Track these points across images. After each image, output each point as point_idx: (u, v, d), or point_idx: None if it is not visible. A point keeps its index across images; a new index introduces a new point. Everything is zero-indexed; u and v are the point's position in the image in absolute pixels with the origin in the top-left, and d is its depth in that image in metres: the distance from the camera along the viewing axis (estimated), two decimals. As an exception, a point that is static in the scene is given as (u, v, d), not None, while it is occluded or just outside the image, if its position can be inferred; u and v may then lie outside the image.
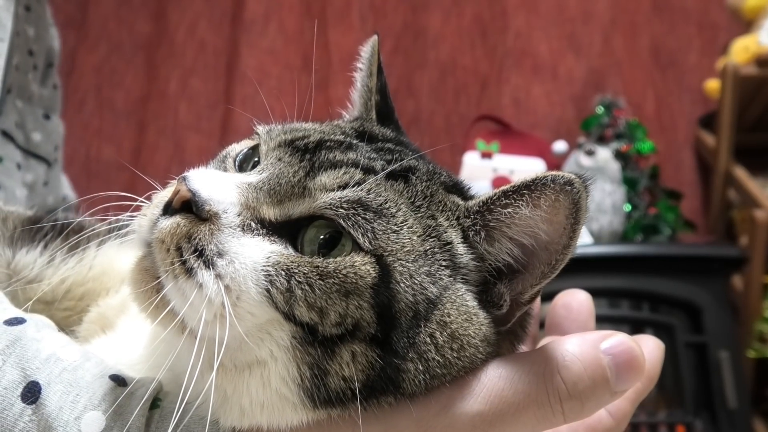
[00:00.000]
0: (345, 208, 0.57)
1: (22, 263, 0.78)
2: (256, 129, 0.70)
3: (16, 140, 1.16)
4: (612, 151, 2.65)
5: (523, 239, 0.58)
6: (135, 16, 3.36)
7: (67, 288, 0.80)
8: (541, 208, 0.56)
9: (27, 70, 1.19)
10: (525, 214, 0.57)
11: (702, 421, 2.12)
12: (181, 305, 0.56)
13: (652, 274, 2.26)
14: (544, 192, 0.55)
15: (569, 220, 0.55)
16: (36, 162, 1.22)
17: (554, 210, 0.56)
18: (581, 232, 0.56)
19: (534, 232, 0.57)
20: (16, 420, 0.55)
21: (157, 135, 3.20)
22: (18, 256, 0.78)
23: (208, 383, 0.55)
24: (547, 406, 0.55)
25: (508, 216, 0.58)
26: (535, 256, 0.59)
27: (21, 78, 1.17)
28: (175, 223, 0.57)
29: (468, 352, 0.57)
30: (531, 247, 0.58)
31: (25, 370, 0.57)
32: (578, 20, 3.18)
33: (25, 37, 1.17)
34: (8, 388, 0.56)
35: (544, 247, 0.58)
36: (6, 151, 1.13)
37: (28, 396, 0.56)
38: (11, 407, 0.55)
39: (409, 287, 0.56)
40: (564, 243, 0.56)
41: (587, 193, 0.54)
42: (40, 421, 0.55)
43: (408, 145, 0.71)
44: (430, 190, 0.62)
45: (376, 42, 0.77)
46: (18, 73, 1.16)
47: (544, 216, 0.56)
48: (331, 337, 0.55)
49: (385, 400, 0.56)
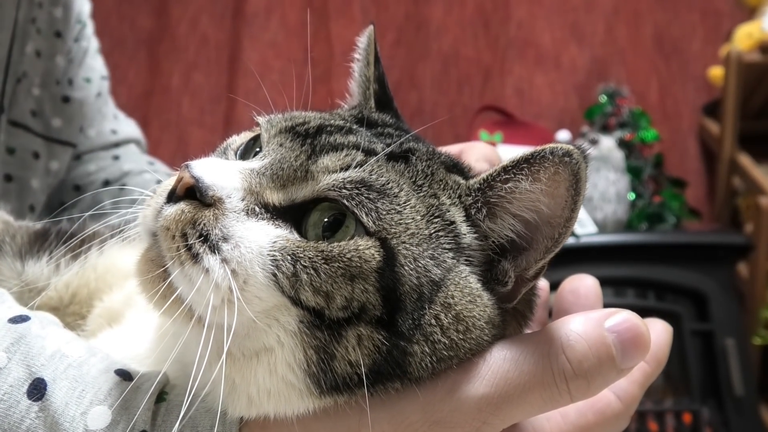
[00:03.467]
0: (348, 188, 0.57)
1: (31, 274, 0.78)
2: (256, 119, 0.70)
3: (34, 129, 1.15)
4: (616, 139, 2.64)
5: (525, 214, 0.58)
6: (137, 12, 3.36)
7: (74, 292, 0.80)
8: (541, 181, 0.56)
9: (53, 52, 1.18)
10: (525, 188, 0.57)
11: (709, 409, 2.12)
12: (188, 291, 0.55)
13: (657, 262, 2.27)
14: (543, 164, 0.55)
15: (570, 191, 0.55)
16: (60, 147, 1.22)
17: (554, 182, 0.55)
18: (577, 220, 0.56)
19: (535, 206, 0.57)
20: (22, 417, 0.55)
21: (161, 130, 3.21)
22: (27, 268, 0.78)
23: (216, 371, 0.55)
24: (553, 386, 0.55)
25: (508, 191, 0.58)
26: (538, 230, 0.58)
27: (44, 64, 1.16)
28: (179, 209, 0.57)
29: (474, 333, 0.57)
30: (533, 222, 0.58)
31: (31, 367, 0.57)
32: (581, 9, 3.17)
33: (49, 19, 1.16)
34: (14, 385, 0.56)
35: (547, 221, 0.57)
36: (19, 141, 1.13)
37: (33, 393, 0.56)
38: (17, 405, 0.55)
39: (413, 270, 0.56)
40: (566, 216, 0.56)
41: (586, 164, 0.54)
42: (46, 417, 0.55)
43: (407, 131, 0.71)
44: (431, 169, 0.62)
45: (372, 32, 0.77)
46: (39, 59, 1.15)
47: (545, 189, 0.56)
48: (337, 321, 0.55)
49: (391, 386, 0.56)
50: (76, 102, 1.26)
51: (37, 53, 1.14)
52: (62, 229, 0.82)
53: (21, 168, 1.13)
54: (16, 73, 1.11)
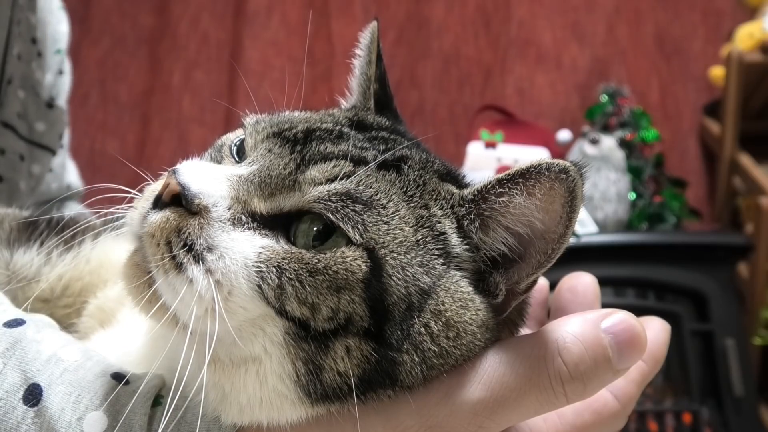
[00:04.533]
0: (333, 201, 0.56)
1: (20, 263, 0.77)
2: (243, 119, 0.69)
3: (19, 131, 1.14)
4: (616, 139, 2.64)
5: (518, 228, 0.58)
6: (138, 10, 3.36)
7: (66, 284, 0.79)
8: (536, 197, 0.55)
9: (30, 58, 1.17)
10: (520, 203, 0.56)
11: (708, 409, 2.12)
12: (172, 300, 0.55)
13: (657, 262, 2.26)
14: (539, 180, 0.55)
15: (565, 208, 0.54)
16: (41, 152, 1.21)
17: (549, 198, 0.55)
18: (577, 220, 0.56)
19: (529, 221, 0.57)
20: (18, 423, 0.55)
21: (161, 128, 3.21)
22: (16, 257, 0.77)
23: (200, 378, 0.55)
24: (549, 390, 0.55)
25: (502, 205, 0.57)
26: (531, 245, 0.58)
27: (23, 67, 1.16)
28: (164, 217, 0.57)
29: (465, 339, 0.56)
30: (526, 236, 0.58)
31: (26, 373, 0.57)
32: (582, 9, 3.17)
33: (27, 24, 1.15)
34: (9, 391, 0.56)
35: (540, 236, 0.57)
36: (8, 142, 1.12)
37: (29, 399, 0.56)
38: (13, 411, 0.55)
39: (401, 280, 0.55)
40: (560, 232, 0.56)
41: (583, 182, 0.54)
42: (42, 423, 0.55)
43: (404, 134, 0.70)
44: (423, 179, 0.61)
45: (375, 29, 0.76)
46: (20, 62, 1.14)
47: (539, 205, 0.55)
48: (323, 332, 0.54)
49: (383, 393, 0.56)
50: (59, 109, 1.26)
51: (18, 56, 1.14)
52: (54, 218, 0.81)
53: (11, 169, 1.12)
54: (7, 74, 1.11)
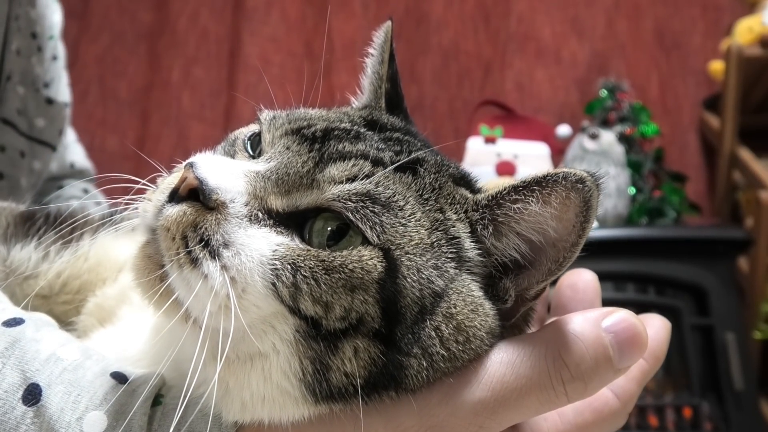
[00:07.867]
0: (353, 200, 0.56)
1: (17, 259, 0.77)
2: (259, 115, 0.68)
3: (19, 127, 1.15)
4: (616, 134, 2.64)
5: (531, 235, 0.58)
6: (137, 6, 3.35)
7: (64, 281, 0.79)
8: (551, 205, 0.55)
9: (29, 54, 1.17)
10: (534, 211, 0.56)
11: (709, 403, 2.12)
12: (186, 295, 0.55)
13: (657, 257, 2.26)
14: (555, 189, 0.55)
15: (579, 218, 0.55)
16: (41, 148, 1.21)
17: (564, 207, 0.55)
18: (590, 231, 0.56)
19: (543, 228, 0.57)
20: (18, 423, 0.55)
21: (161, 124, 3.20)
22: (13, 253, 0.77)
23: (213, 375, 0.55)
24: (550, 389, 0.55)
25: (517, 211, 0.57)
26: (542, 252, 0.58)
27: (23, 63, 1.15)
28: (181, 211, 0.56)
29: (473, 344, 0.56)
30: (539, 244, 0.58)
31: (25, 372, 0.57)
32: (581, 3, 3.17)
33: (26, 19, 1.15)
34: (9, 391, 0.56)
35: (552, 244, 0.57)
36: (8, 139, 1.12)
37: (29, 398, 0.55)
38: (12, 410, 0.55)
39: (416, 282, 0.55)
40: (572, 241, 0.56)
41: (599, 192, 0.54)
42: (42, 423, 0.55)
43: (416, 135, 0.70)
44: (439, 183, 0.61)
45: (389, 28, 0.75)
46: (19, 58, 1.14)
47: (554, 213, 0.56)
48: (334, 332, 0.54)
49: (386, 395, 0.56)
50: (59, 105, 1.26)
51: (17, 51, 1.13)
52: (51, 213, 0.80)
53: (11, 166, 1.12)
54: (6, 70, 1.11)
